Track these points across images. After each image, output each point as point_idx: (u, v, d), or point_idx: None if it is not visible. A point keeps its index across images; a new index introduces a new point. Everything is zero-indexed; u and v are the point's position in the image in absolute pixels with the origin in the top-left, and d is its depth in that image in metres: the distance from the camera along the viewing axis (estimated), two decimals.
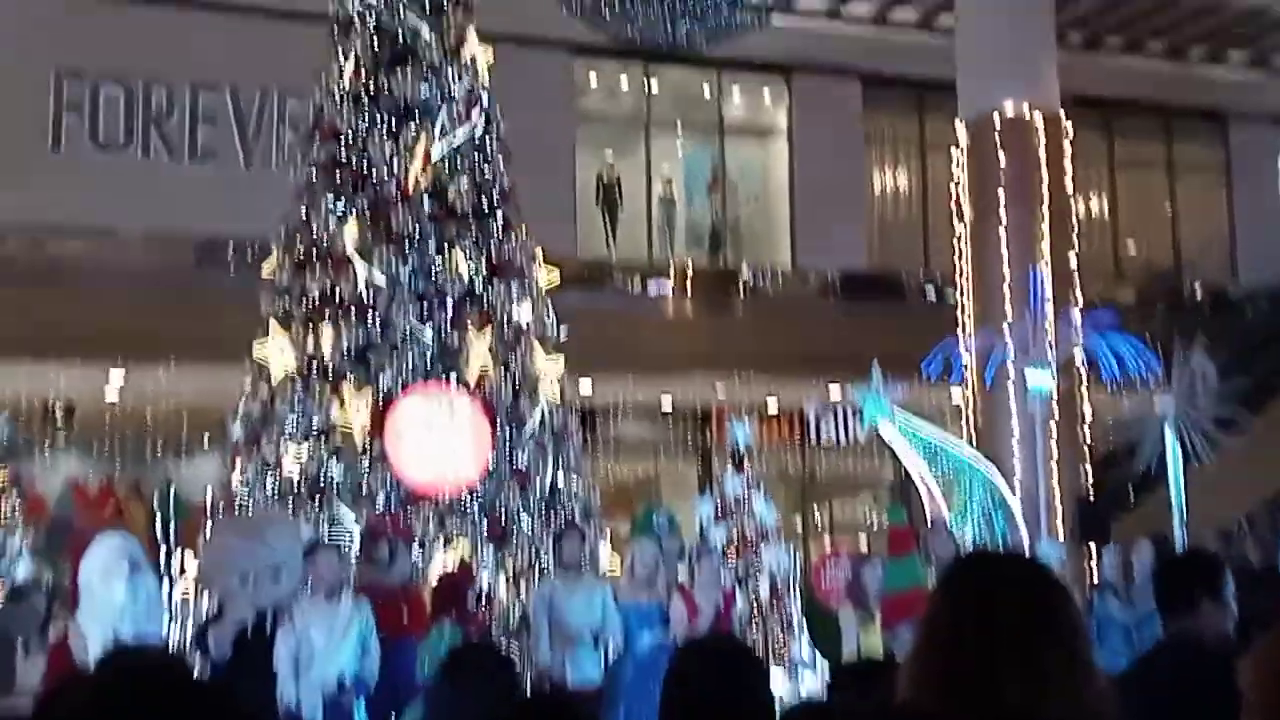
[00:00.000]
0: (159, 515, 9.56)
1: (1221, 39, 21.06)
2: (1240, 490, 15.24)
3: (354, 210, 9.63)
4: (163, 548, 8.99)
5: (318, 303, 9.51)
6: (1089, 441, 13.91)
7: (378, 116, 9.85)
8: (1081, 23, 19.58)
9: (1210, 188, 22.51)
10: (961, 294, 14.52)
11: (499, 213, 10.02)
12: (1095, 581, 10.07)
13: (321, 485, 9.03)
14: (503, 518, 9.27)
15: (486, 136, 10.16)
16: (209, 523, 9.18)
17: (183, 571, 8.99)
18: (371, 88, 9.91)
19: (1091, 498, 13.49)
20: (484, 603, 8.56)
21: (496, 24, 11.34)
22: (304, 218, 9.82)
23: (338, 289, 9.45)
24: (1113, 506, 14.19)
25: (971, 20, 15.22)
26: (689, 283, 18.83)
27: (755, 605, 9.70)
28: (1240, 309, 20.34)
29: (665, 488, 20.21)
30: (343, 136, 9.84)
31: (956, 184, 14.91)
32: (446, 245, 9.68)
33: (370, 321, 9.35)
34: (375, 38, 9.97)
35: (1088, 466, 13.79)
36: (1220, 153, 22.53)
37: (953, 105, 15.44)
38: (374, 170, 9.72)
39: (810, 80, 20.17)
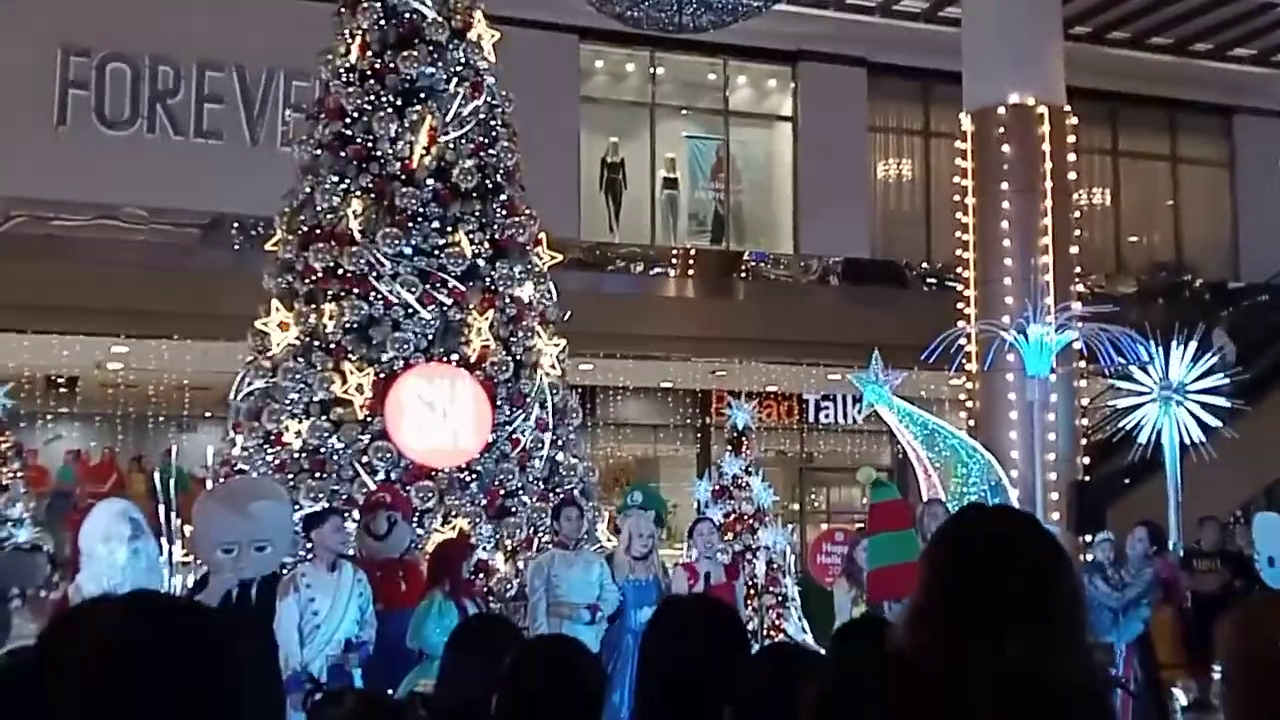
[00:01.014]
0: (160, 487, 9.60)
1: (1227, 34, 21.06)
2: (1237, 481, 15.31)
3: (358, 188, 9.66)
4: (163, 519, 9.04)
5: (320, 279, 9.56)
6: (1086, 428, 13.99)
7: (383, 96, 9.87)
8: (1087, 16, 19.58)
9: (1214, 182, 22.54)
10: (963, 283, 14.57)
11: (503, 193, 10.05)
12: (1086, 562, 10.13)
13: (322, 458, 9.09)
14: (501, 494, 9.33)
15: (491, 117, 10.19)
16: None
17: (183, 542, 9.04)
18: (377, 67, 9.93)
19: (1087, 482, 13.59)
20: (481, 574, 8.62)
21: (503, 6, 11.38)
22: (308, 195, 9.86)
23: (341, 265, 9.49)
24: (1107, 493, 14.26)
25: (978, 11, 15.23)
26: (691, 267, 18.88)
27: (751, 584, 9.76)
28: (1241, 302, 20.36)
29: (664, 468, 20.30)
30: (347, 115, 9.87)
31: (960, 174, 14.94)
32: (450, 224, 9.71)
33: (372, 298, 9.40)
34: (381, 18, 9.99)
35: (1083, 455, 13.87)
36: (1224, 147, 22.55)
37: (957, 95, 15.46)
38: (378, 149, 9.74)
39: (816, 68, 20.20)
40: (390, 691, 6.47)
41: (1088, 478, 13.84)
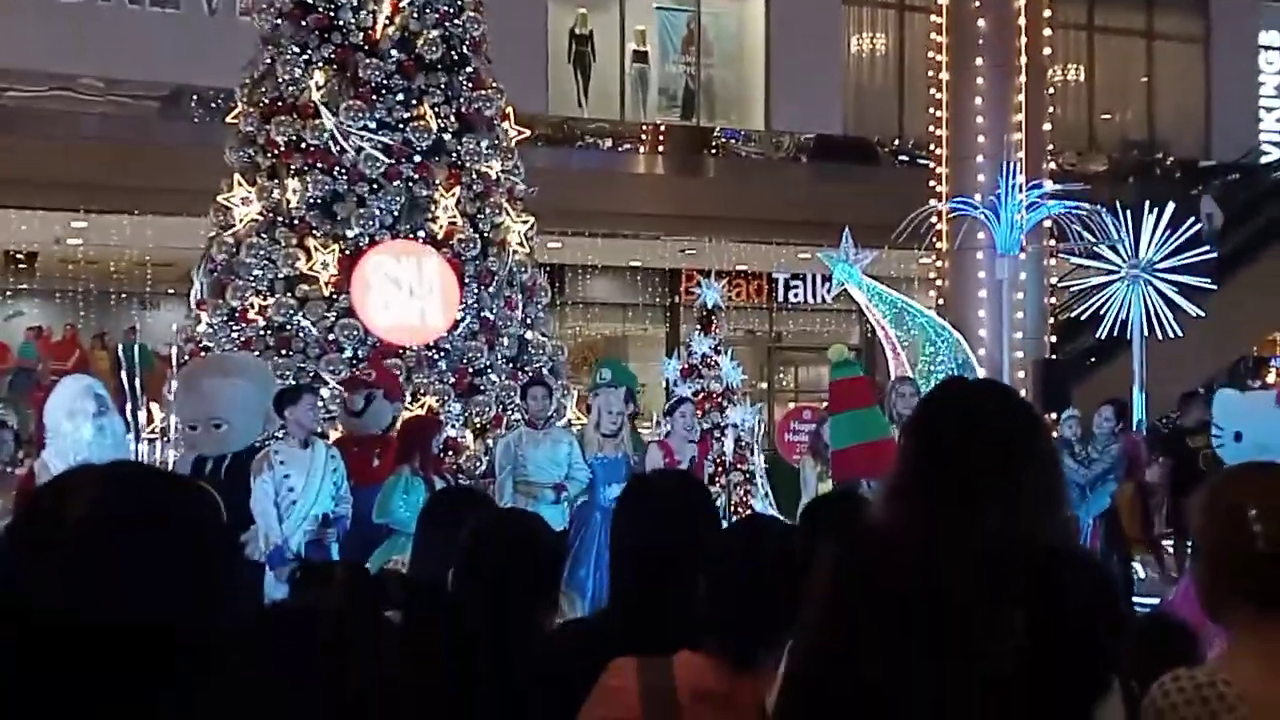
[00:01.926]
0: (123, 364, 9.53)
1: None
2: (1200, 359, 15.49)
3: (320, 59, 9.44)
4: (128, 396, 8.98)
5: (283, 152, 9.38)
6: (1054, 307, 14.07)
7: None
8: None
9: (1189, 58, 22.36)
10: (935, 160, 14.47)
11: (469, 65, 9.84)
12: (1054, 438, 10.26)
13: (288, 335, 9.02)
14: (470, 372, 9.31)
15: None
16: (173, 372, 9.22)
17: (149, 420, 9.00)
18: None
19: (1053, 360, 13.72)
20: (450, 452, 8.63)
21: None
22: (269, 66, 9.63)
23: (303, 139, 9.32)
24: (1073, 371, 14.40)
25: None
26: (661, 143, 18.65)
27: (719, 461, 9.83)
28: (1212, 180, 20.35)
29: (633, 347, 20.35)
30: None
31: (935, 48, 14.74)
32: (415, 97, 9.52)
33: (336, 173, 9.24)
34: None
35: (1051, 333, 13.97)
36: (1200, 23, 22.32)
37: None
38: (340, 18, 9.50)
39: None
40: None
41: (1054, 356, 13.95)
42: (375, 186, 9.25)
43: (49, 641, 1.37)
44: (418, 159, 9.40)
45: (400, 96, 9.44)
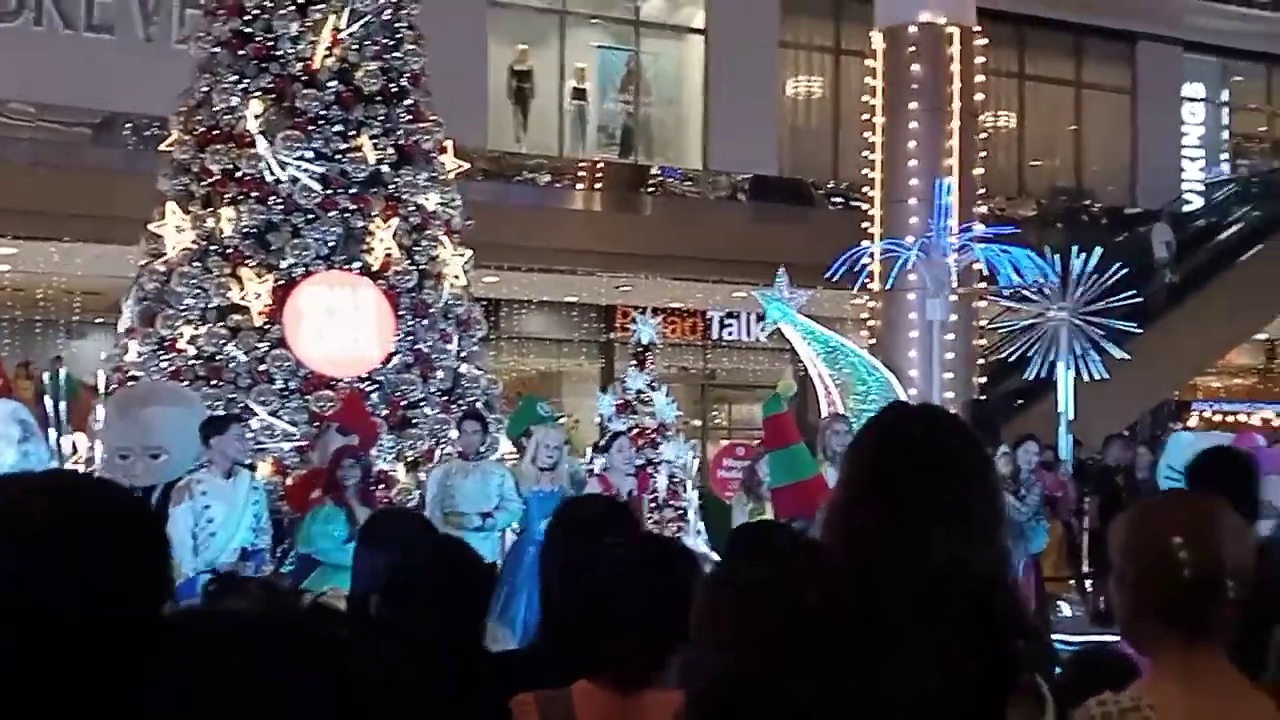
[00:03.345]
0: (48, 395, 9.35)
1: None
2: (1124, 403, 15.77)
3: (257, 89, 9.40)
4: (52, 425, 8.81)
5: (218, 181, 9.31)
6: (983, 349, 14.27)
7: None
8: None
9: (1116, 108, 22.88)
10: (868, 202, 14.67)
11: (408, 98, 9.84)
12: None
13: (218, 366, 8.92)
14: (403, 404, 9.25)
15: (397, 19, 9.94)
16: (101, 403, 9.07)
17: (73, 450, 8.84)
18: None
19: (982, 401, 13.90)
20: (382, 485, 8.56)
21: None
22: (205, 94, 9.57)
23: (239, 168, 9.26)
24: (1000, 412, 14.60)
25: None
26: (598, 180, 18.72)
27: (653, 497, 9.82)
28: (1136, 229, 20.79)
29: (567, 382, 20.31)
30: (247, 12, 9.55)
31: (870, 92, 14.96)
32: (353, 128, 9.50)
33: (272, 202, 9.18)
34: None
35: (980, 375, 14.17)
36: (1127, 74, 22.86)
37: (869, 13, 15.44)
38: (279, 48, 9.47)
39: None
40: None
41: (983, 397, 14.14)
42: (311, 217, 9.19)
43: (48, 641, 1.34)
44: (354, 190, 9.37)
45: (338, 127, 9.42)
